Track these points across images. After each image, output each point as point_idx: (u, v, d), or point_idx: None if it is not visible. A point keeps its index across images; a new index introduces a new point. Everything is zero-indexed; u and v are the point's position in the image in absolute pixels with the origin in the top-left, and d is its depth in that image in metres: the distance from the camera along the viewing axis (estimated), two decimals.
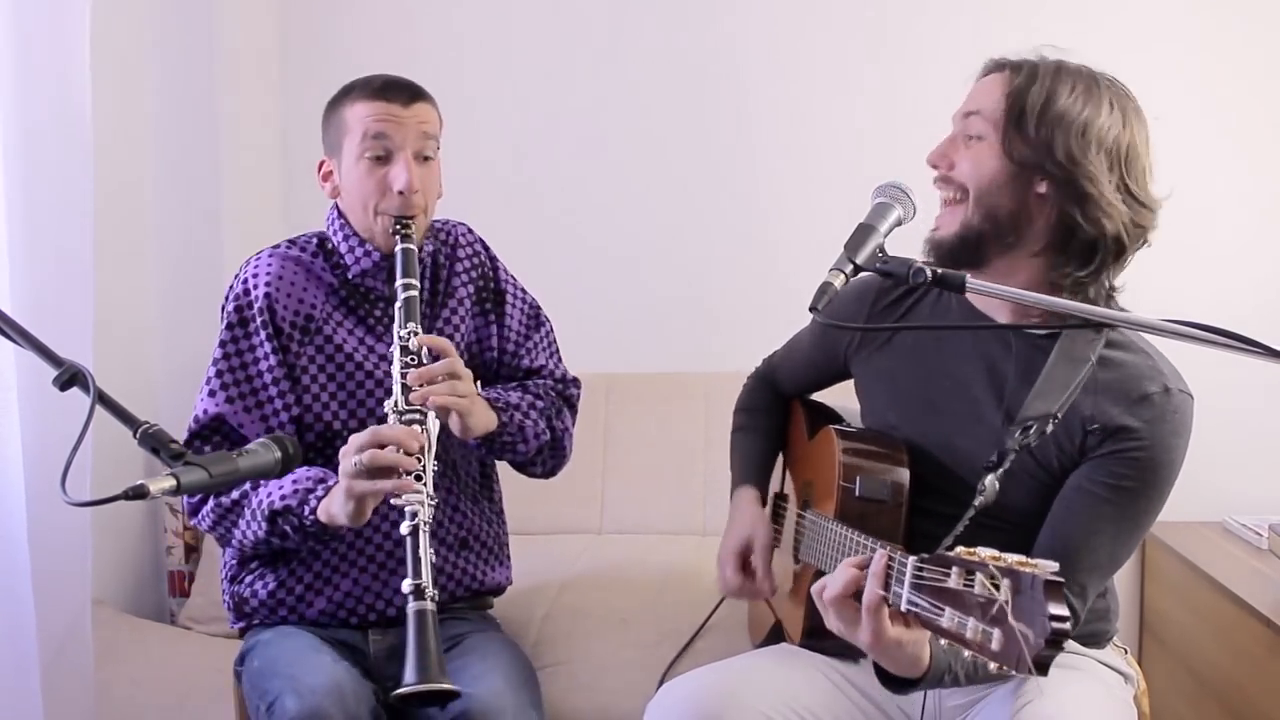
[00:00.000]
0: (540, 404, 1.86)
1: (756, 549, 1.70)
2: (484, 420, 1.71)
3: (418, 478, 1.56)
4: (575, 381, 1.99)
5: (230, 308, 1.79)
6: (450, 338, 1.81)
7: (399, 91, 1.76)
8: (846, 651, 1.56)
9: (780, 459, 1.88)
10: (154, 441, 1.21)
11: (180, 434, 1.72)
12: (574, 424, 1.96)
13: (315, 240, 1.85)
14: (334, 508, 1.58)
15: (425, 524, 1.54)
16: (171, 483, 1.16)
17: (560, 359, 1.99)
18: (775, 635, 1.72)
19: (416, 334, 1.67)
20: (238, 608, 1.81)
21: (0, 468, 1.74)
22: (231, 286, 1.81)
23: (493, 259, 1.94)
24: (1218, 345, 1.19)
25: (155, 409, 2.38)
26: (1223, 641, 2.18)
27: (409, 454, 1.55)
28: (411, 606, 1.50)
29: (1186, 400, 1.45)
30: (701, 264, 2.78)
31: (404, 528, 1.54)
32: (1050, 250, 1.46)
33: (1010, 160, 1.44)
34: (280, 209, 2.80)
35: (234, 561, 1.81)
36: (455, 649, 1.74)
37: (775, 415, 1.89)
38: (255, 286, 1.78)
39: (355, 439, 1.56)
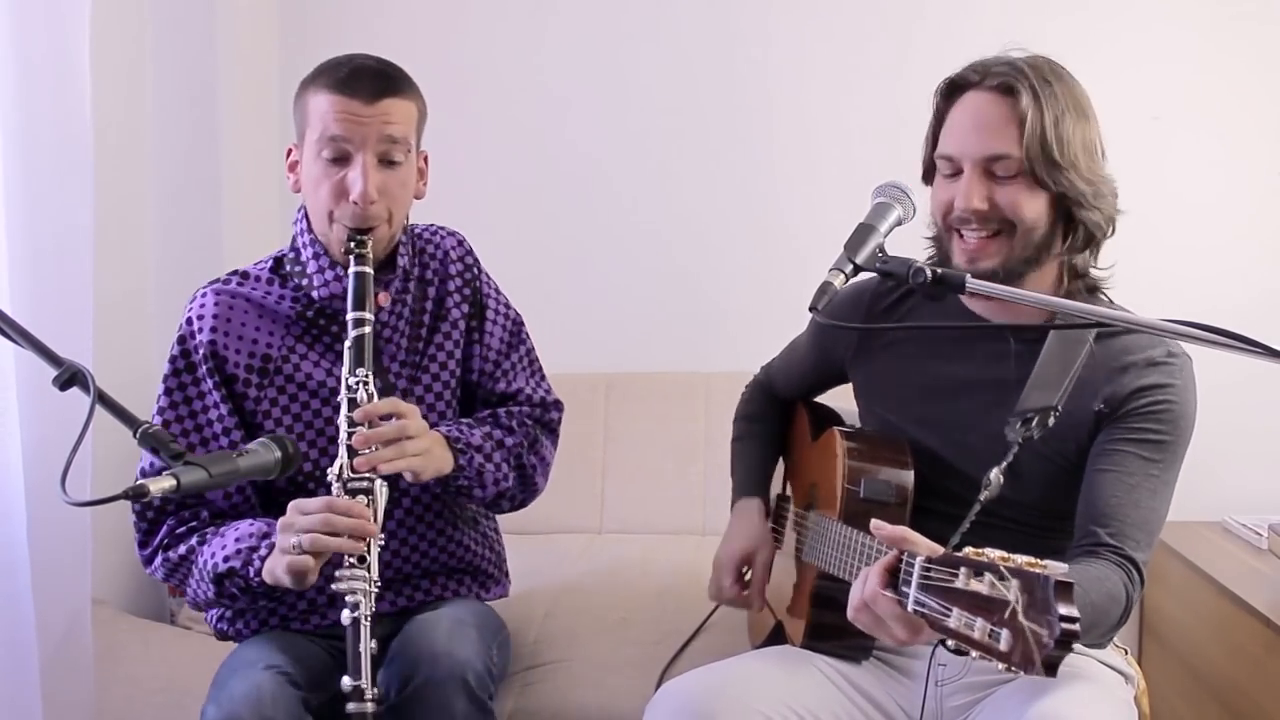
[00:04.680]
0: (509, 441, 1.72)
1: (756, 563, 1.71)
2: (439, 467, 1.60)
3: (361, 559, 1.46)
4: (557, 404, 1.84)
5: (176, 350, 1.66)
6: (444, 365, 1.73)
7: (363, 85, 1.55)
8: (847, 652, 1.56)
9: (782, 461, 1.88)
10: (154, 441, 1.21)
11: None
12: (554, 448, 1.83)
13: (270, 265, 1.70)
14: (278, 570, 1.48)
15: (366, 617, 1.45)
16: (171, 483, 1.16)
17: (542, 378, 1.83)
18: (776, 637, 1.71)
19: (366, 383, 1.52)
20: (220, 634, 1.79)
21: (0, 468, 1.74)
22: (179, 325, 1.67)
23: (478, 269, 1.78)
24: (1218, 345, 1.18)
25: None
26: (1222, 641, 2.18)
27: (356, 538, 1.45)
28: (351, 708, 1.42)
29: (1188, 360, 1.50)
30: (702, 264, 2.78)
31: (345, 618, 1.45)
32: (1063, 249, 1.52)
33: (1050, 191, 1.47)
34: (279, 209, 2.80)
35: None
36: (428, 607, 1.69)
37: (775, 422, 1.89)
38: (200, 330, 1.64)
39: (299, 507, 1.46)
